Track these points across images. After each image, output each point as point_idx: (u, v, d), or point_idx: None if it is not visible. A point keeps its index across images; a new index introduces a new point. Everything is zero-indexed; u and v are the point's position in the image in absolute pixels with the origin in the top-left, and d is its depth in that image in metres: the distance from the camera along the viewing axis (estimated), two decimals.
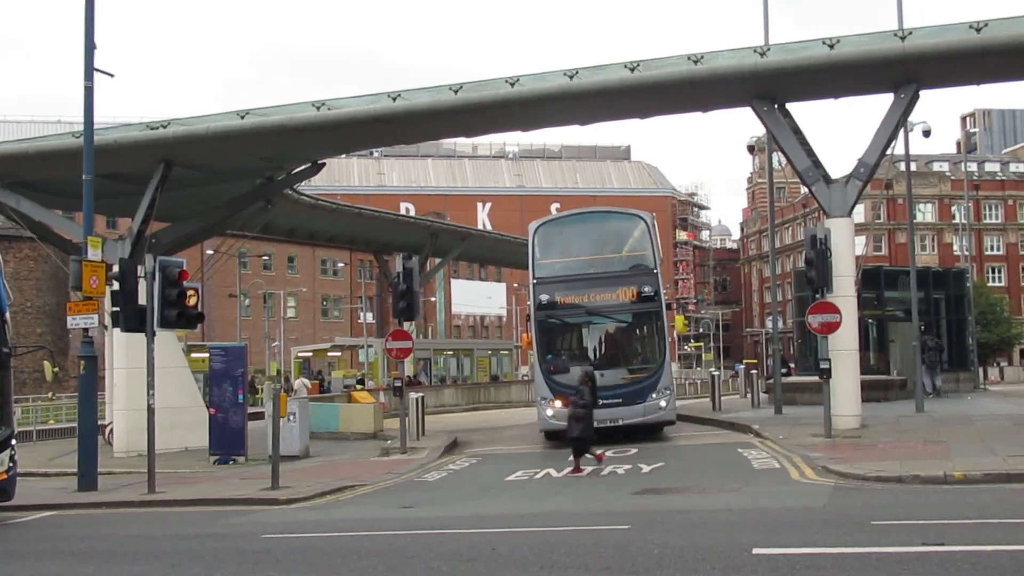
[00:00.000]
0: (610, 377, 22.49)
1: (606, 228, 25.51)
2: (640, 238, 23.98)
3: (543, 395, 23.08)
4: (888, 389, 32.53)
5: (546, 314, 23.39)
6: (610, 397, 21.94)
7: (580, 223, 25.79)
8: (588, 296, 23.38)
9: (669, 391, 23.05)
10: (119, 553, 12.63)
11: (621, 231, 25.01)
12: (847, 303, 23.13)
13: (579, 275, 23.89)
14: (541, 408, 23.17)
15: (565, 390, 21.62)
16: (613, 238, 24.99)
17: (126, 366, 26.30)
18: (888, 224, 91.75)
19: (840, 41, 22.92)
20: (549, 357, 23.43)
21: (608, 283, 23.44)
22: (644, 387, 22.78)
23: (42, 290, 57.25)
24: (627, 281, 23.30)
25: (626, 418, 22.43)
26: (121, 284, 19.03)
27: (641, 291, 22.98)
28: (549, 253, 24.34)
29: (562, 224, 26.12)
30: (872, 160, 24.10)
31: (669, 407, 23.09)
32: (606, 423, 21.77)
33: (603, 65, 24.78)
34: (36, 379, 42.01)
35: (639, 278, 23.29)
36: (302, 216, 40.45)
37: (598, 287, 23.40)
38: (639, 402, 22.63)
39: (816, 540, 10.44)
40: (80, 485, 19.80)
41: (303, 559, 11.26)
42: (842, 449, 19.46)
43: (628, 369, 23.34)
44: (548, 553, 10.59)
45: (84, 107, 20.32)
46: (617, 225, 25.55)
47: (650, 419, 22.85)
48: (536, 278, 23.66)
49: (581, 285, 23.57)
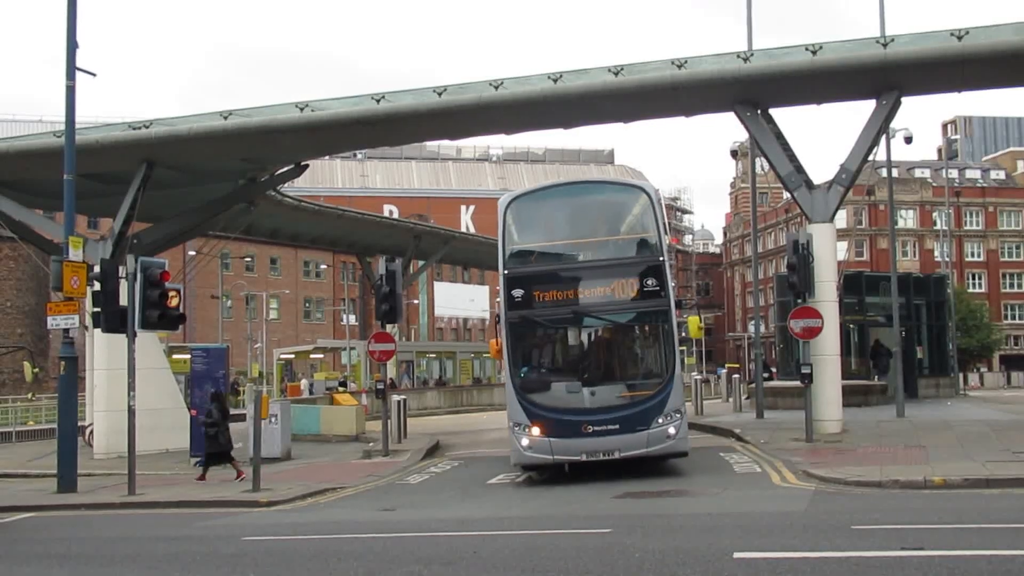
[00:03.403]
0: (603, 396, 17.64)
1: (598, 203, 20.03)
2: (641, 216, 18.79)
3: (517, 420, 17.73)
4: (869, 394, 32.66)
5: (520, 315, 18.03)
6: (603, 422, 17.37)
7: (564, 197, 20.14)
8: (575, 291, 18.20)
9: (680, 414, 17.66)
10: (97, 556, 12.56)
11: (617, 207, 19.73)
12: (829, 308, 23.25)
13: (563, 264, 19.04)
14: (514, 436, 17.81)
15: (545, 414, 17.51)
16: (607, 216, 19.65)
17: (107, 367, 26.14)
18: (870, 230, 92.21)
19: (823, 47, 23.04)
20: (525, 370, 18.25)
21: (600, 274, 18.43)
22: (648, 409, 17.49)
23: (22, 290, 56.84)
24: (625, 271, 18.30)
25: (625, 449, 17.37)
26: (102, 285, 18.92)
27: (643, 284, 17.98)
28: (525, 236, 19.49)
29: (541, 198, 20.25)
30: (854, 166, 24.21)
31: (680, 434, 17.66)
32: (598, 455, 17.31)
33: (587, 69, 24.81)
34: (16, 380, 41.76)
35: (641, 267, 18.17)
36: (285, 217, 40.34)
37: (587, 279, 18.33)
38: (642, 428, 17.36)
39: (796, 544, 10.47)
40: (60, 487, 19.68)
41: (283, 562, 11.22)
42: (823, 454, 19.53)
43: (627, 385, 18.10)
44: (529, 556, 10.59)
45: (66, 106, 20.21)
46: (612, 199, 20.30)
47: (656, 450, 17.58)
48: (507, 268, 18.41)
49: (566, 277, 18.54)
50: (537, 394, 17.89)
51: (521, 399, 17.76)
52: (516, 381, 17.94)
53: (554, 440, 17.35)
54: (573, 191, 20.61)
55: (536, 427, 17.53)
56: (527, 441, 17.62)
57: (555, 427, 17.39)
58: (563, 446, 17.35)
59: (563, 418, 17.45)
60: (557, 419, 17.43)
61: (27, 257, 45.56)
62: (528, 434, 17.62)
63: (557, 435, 17.36)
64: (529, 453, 17.66)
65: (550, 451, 17.41)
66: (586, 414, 17.46)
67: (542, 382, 18.26)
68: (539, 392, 17.96)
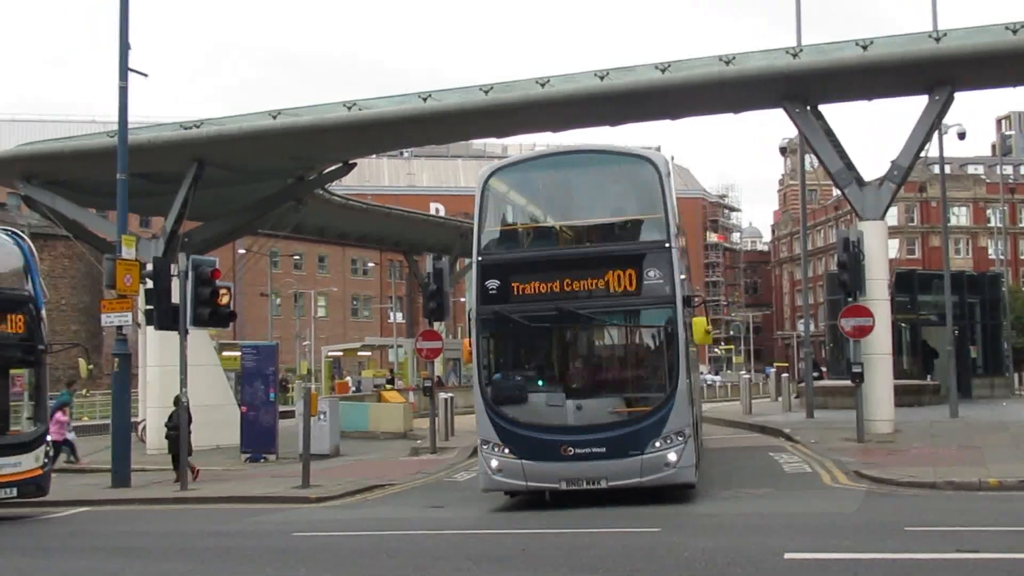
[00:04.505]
0: (589, 412, 14.51)
1: (594, 176, 16.43)
2: (646, 192, 15.34)
3: (485, 437, 14.76)
4: (921, 394, 32.23)
5: (494, 310, 14.87)
6: (588, 444, 14.19)
7: (554, 169, 16.75)
8: (560, 283, 14.90)
9: (683, 437, 14.25)
10: (149, 549, 12.74)
11: (617, 181, 16.36)
12: (880, 307, 22.98)
13: (547, 250, 15.78)
14: (482, 457, 14.92)
15: (518, 431, 14.46)
16: (604, 192, 16.46)
17: (159, 364, 26.52)
18: (922, 227, 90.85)
19: (873, 43, 22.76)
20: (497, 378, 15.18)
21: (591, 263, 15.12)
22: (642, 429, 14.24)
23: (76, 288, 57.80)
24: (622, 260, 14.89)
25: (614, 477, 14.17)
26: (155, 282, 19.18)
27: (644, 276, 14.63)
28: (505, 216, 16.60)
29: (527, 171, 16.71)
30: (906, 162, 23.91)
31: (684, 461, 14.26)
32: (580, 484, 14.24)
33: (633, 66, 24.73)
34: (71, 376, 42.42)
35: (641, 255, 14.87)
36: (332, 216, 40.63)
37: (575, 269, 15.00)
38: (635, 453, 14.14)
39: (848, 545, 10.35)
40: (113, 482, 20.00)
41: (333, 558, 11.29)
42: (875, 454, 19.29)
43: (618, 399, 14.90)
44: (578, 554, 10.58)
45: (119, 107, 20.48)
46: (610, 172, 16.51)
47: (652, 480, 14.26)
48: (483, 254, 15.27)
49: (549, 266, 15.19)
50: (509, 406, 14.73)
51: (490, 412, 14.70)
52: (485, 390, 14.84)
53: (528, 463, 14.30)
54: (565, 162, 16.87)
55: (507, 446, 14.47)
56: (496, 463, 14.56)
57: (529, 447, 14.31)
58: (538, 471, 14.32)
59: (539, 437, 14.34)
60: (532, 438, 14.34)
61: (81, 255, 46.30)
62: (498, 454, 14.57)
63: (531, 457, 14.29)
64: (498, 477, 14.63)
65: (522, 476, 14.41)
66: (567, 433, 14.35)
67: (516, 392, 15.02)
68: (512, 404, 14.79)
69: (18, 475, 16.32)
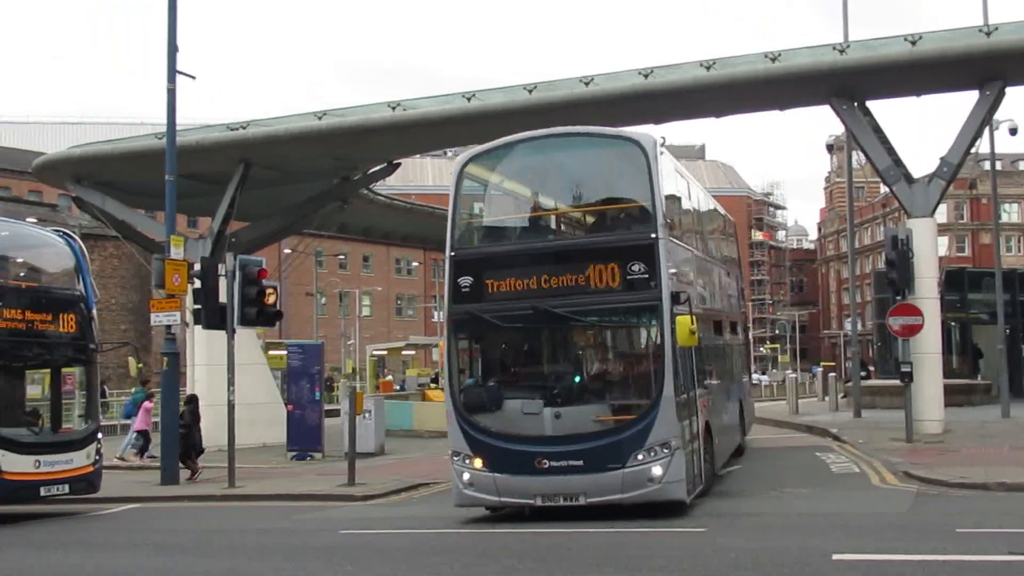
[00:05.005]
0: (569, 421, 13.17)
1: (576, 161, 15.02)
2: (633, 178, 13.95)
3: (457, 448, 13.65)
4: (972, 393, 31.76)
5: (466, 310, 13.79)
6: (564, 456, 12.90)
7: (533, 155, 15.24)
8: (536, 279, 13.60)
9: (669, 449, 12.82)
10: (197, 546, 12.88)
11: (600, 166, 14.95)
12: (929, 305, 22.68)
13: (523, 245, 14.47)
14: (455, 468, 13.71)
15: (491, 442, 13.27)
16: (587, 179, 15.01)
17: (207, 362, 26.82)
18: (972, 224, 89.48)
19: (922, 38, 22.49)
20: (469, 383, 14.19)
21: (570, 257, 13.92)
22: (623, 440, 12.89)
23: (126, 288, 58.54)
24: (603, 253, 13.55)
25: (593, 493, 12.85)
26: (202, 282, 19.40)
27: (628, 270, 13.26)
28: (482, 207, 15.52)
29: (505, 157, 15.22)
30: (956, 159, 23.57)
31: (671, 476, 12.86)
32: (557, 500, 13.01)
33: (678, 64, 24.62)
34: (120, 374, 43.02)
35: (625, 248, 13.56)
36: (377, 215, 40.84)
37: (553, 264, 13.75)
38: (615, 466, 12.78)
39: (898, 547, 10.22)
40: (162, 479, 20.27)
41: (378, 555, 11.35)
42: (924, 454, 19.03)
43: (603, 407, 13.61)
44: (622, 553, 10.54)
45: (167, 108, 20.71)
46: (594, 156, 15.03)
47: (634, 497, 12.86)
48: (455, 249, 14.11)
49: (527, 261, 13.91)
50: (482, 415, 13.59)
51: (461, 421, 13.55)
52: (457, 398, 13.69)
53: (500, 477, 13.12)
54: (545, 146, 15.12)
55: (479, 458, 13.31)
56: (468, 476, 13.41)
57: (502, 460, 13.14)
58: (511, 485, 13.12)
59: (511, 448, 13.14)
60: (504, 449, 13.14)
61: (130, 255, 46.88)
62: (469, 467, 13.40)
63: (504, 470, 13.12)
64: (470, 492, 13.47)
65: (495, 490, 13.22)
66: (542, 444, 13.07)
67: (489, 400, 13.84)
68: (484, 413, 13.63)
69: (70, 472, 16.61)
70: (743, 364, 22.39)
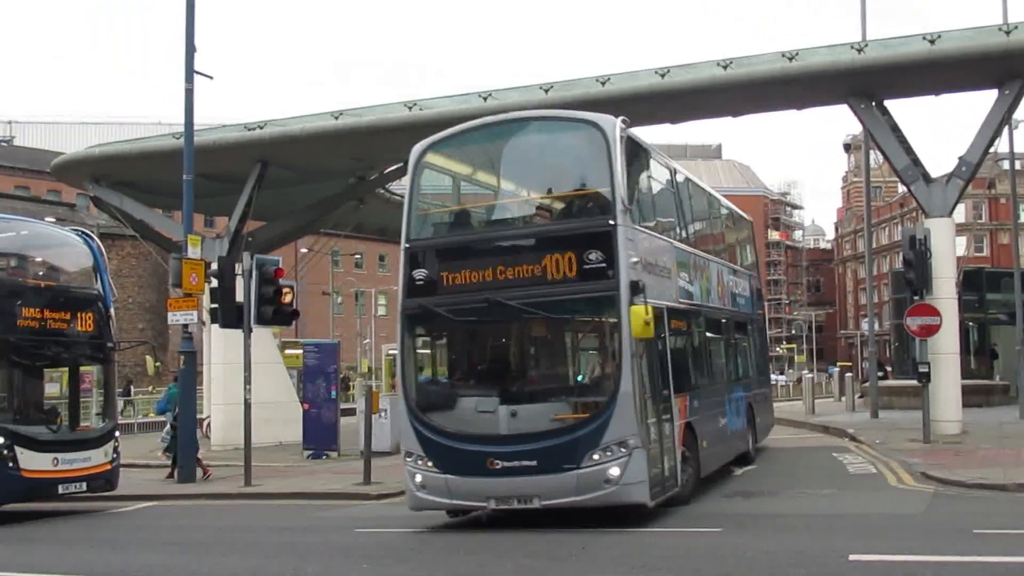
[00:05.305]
0: (523, 419, 12.45)
1: (535, 147, 14.38)
2: (592, 163, 13.30)
3: (409, 449, 13.00)
4: (990, 394, 31.60)
5: (420, 304, 13.19)
6: (516, 456, 12.18)
7: (491, 141, 14.64)
8: (494, 271, 12.94)
9: (626, 448, 11.98)
10: (215, 544, 12.95)
11: (560, 151, 14.26)
12: (947, 305, 22.55)
13: (476, 235, 13.96)
14: (407, 469, 13.04)
15: (443, 442, 12.62)
16: (546, 164, 14.32)
17: (224, 361, 26.92)
18: (990, 224, 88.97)
19: (941, 36, 22.34)
20: (422, 381, 13.71)
21: (529, 247, 13.13)
22: (578, 439, 12.11)
23: (143, 287, 58.93)
24: (559, 242, 12.84)
25: (547, 496, 12.15)
26: (220, 281, 19.46)
27: (584, 260, 12.50)
28: (438, 195, 14.88)
29: (462, 144, 14.62)
30: (974, 158, 23.43)
31: (629, 476, 12.00)
32: (511, 503, 12.39)
33: (695, 63, 24.54)
34: (137, 373, 43.31)
35: (582, 236, 12.77)
36: (393, 215, 40.69)
37: (508, 255, 13.07)
38: (569, 467, 12.03)
39: (915, 548, 10.18)
40: (180, 477, 20.37)
41: (394, 554, 11.38)
42: (942, 455, 18.94)
43: (560, 404, 12.85)
44: (638, 553, 10.54)
45: (185, 108, 20.79)
46: (553, 141, 14.35)
47: (590, 499, 12.08)
48: (411, 241, 13.55)
49: (479, 252, 13.37)
50: (434, 413, 12.98)
51: (414, 420, 12.88)
52: (410, 395, 13.10)
53: (452, 478, 12.47)
54: (503, 132, 14.52)
55: (431, 459, 12.67)
56: (420, 478, 12.77)
57: (453, 460, 12.49)
58: (463, 487, 12.46)
59: (463, 448, 12.49)
60: (456, 449, 12.49)
61: (148, 255, 47.21)
62: (422, 468, 12.76)
63: (456, 471, 12.46)
64: (422, 494, 12.80)
65: (447, 493, 12.57)
66: (493, 443, 12.37)
67: (441, 398, 13.37)
68: (436, 411, 13.05)
69: (87, 470, 16.72)
70: (755, 366, 21.47)
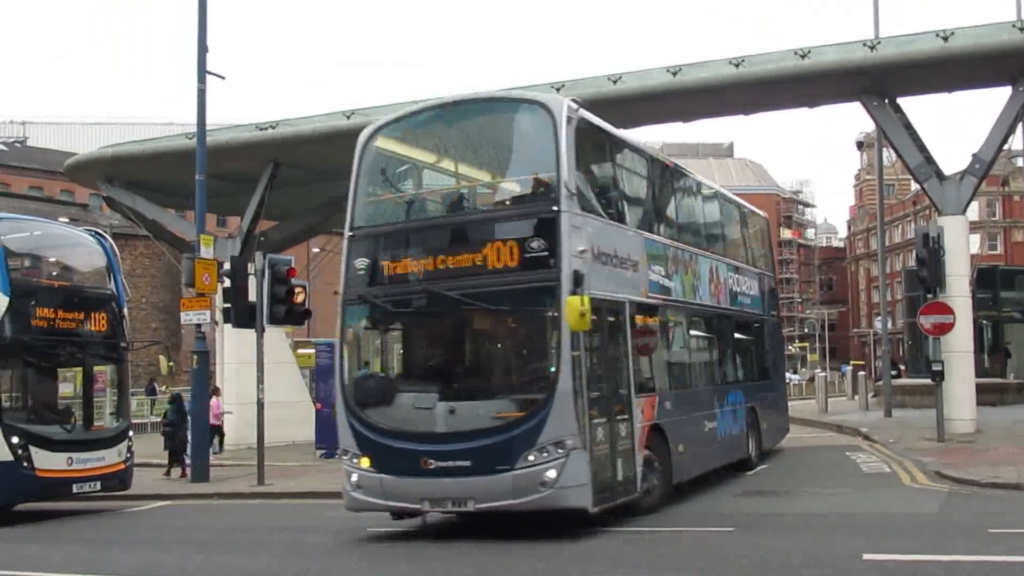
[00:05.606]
0: (459, 417, 11.81)
1: (480, 131, 13.73)
2: (538, 145, 12.55)
3: (346, 446, 12.47)
4: (1004, 393, 31.47)
5: (360, 295, 12.79)
6: (450, 455, 11.54)
7: (438, 125, 13.98)
8: (434, 261, 12.39)
9: (563, 449, 11.22)
10: (228, 543, 12.99)
11: (506, 134, 13.60)
12: (961, 304, 22.47)
13: (416, 222, 13.31)
14: (344, 468, 12.51)
15: (377, 439, 12.00)
16: (492, 148, 13.78)
17: (236, 361, 26.99)
18: (1004, 222, 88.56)
19: (954, 33, 22.26)
20: (360, 375, 13.05)
21: (470, 235, 12.54)
22: (513, 439, 11.35)
23: (156, 287, 59.09)
24: (500, 230, 12.23)
25: (482, 498, 11.46)
26: (232, 281, 19.50)
27: (526, 248, 11.84)
28: (383, 184, 14.15)
29: (408, 128, 14.10)
30: (988, 156, 23.35)
31: (567, 479, 11.23)
32: (446, 505, 11.80)
33: (706, 61, 24.50)
34: (151, 373, 43.43)
35: (524, 223, 12.10)
36: None
37: (449, 243, 12.55)
38: (504, 468, 11.30)
39: (929, 547, 10.14)
40: (193, 476, 20.43)
41: (407, 556, 11.39)
42: (955, 454, 18.87)
43: (495, 401, 11.94)
44: (650, 553, 10.56)
45: (197, 109, 20.83)
46: (500, 123, 13.64)
47: (526, 502, 11.33)
48: (354, 228, 13.44)
49: (422, 240, 12.77)
50: (371, 410, 12.32)
51: (350, 416, 12.31)
52: (347, 390, 12.51)
53: (387, 478, 11.87)
54: (451, 115, 13.82)
55: (366, 457, 12.07)
56: (356, 477, 12.20)
57: (388, 459, 11.85)
58: (398, 487, 11.83)
59: (397, 446, 11.84)
60: (390, 447, 11.86)
61: (161, 255, 47.36)
62: (358, 467, 12.16)
63: (390, 470, 11.84)
64: (357, 495, 12.24)
65: (382, 493, 11.97)
66: (427, 442, 11.74)
67: (377, 393, 12.69)
68: (373, 407, 12.37)
69: (101, 469, 16.80)
70: (761, 369, 20.39)
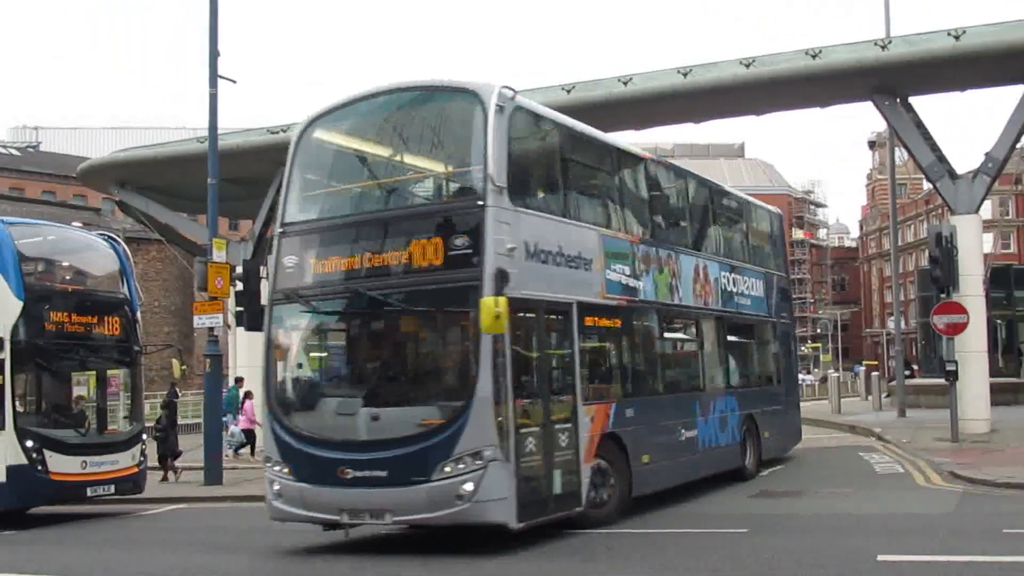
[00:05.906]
0: (379, 424, 11.24)
1: (412, 121, 12.93)
2: (468, 135, 11.93)
3: (269, 453, 12.13)
4: (1018, 392, 31.34)
5: (286, 294, 12.39)
6: (366, 465, 10.99)
7: (370, 115, 13.11)
8: (361, 258, 11.86)
9: (481, 460, 10.57)
10: (236, 546, 13.03)
11: (437, 123, 12.83)
12: (974, 303, 22.40)
13: (345, 218, 12.50)
14: (267, 476, 12.07)
15: (298, 447, 11.55)
16: (423, 138, 13.00)
17: (249, 364, 27.00)
18: (1017, 220, 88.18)
19: (966, 32, 22.21)
20: (284, 378, 12.59)
21: (395, 231, 11.90)
22: (428, 448, 10.75)
23: (169, 290, 59.23)
24: (423, 226, 11.65)
25: (399, 511, 10.93)
26: (245, 285, 19.41)
27: (450, 246, 11.26)
28: (316, 178, 13.30)
29: (341, 118, 13.08)
30: (1001, 154, 23.29)
31: (485, 492, 10.59)
32: (363, 517, 11.27)
33: (717, 62, 24.49)
34: (164, 376, 43.53)
35: (449, 219, 11.52)
36: None
37: (373, 240, 11.93)
38: (420, 479, 10.71)
39: (943, 548, 10.11)
40: (206, 479, 20.44)
41: (419, 555, 11.38)
42: (970, 454, 18.79)
43: (416, 408, 11.34)
44: (660, 554, 10.54)
45: (209, 113, 20.86)
46: (431, 112, 12.83)
47: (443, 516, 10.74)
48: (284, 224, 12.66)
49: (348, 237, 12.16)
50: (293, 415, 11.91)
51: (272, 421, 11.92)
52: (270, 394, 12.19)
53: (306, 487, 11.40)
54: (386, 104, 12.97)
55: (287, 465, 11.63)
56: (278, 486, 11.74)
57: (307, 467, 11.41)
58: (316, 497, 11.36)
59: (316, 454, 11.38)
60: (309, 455, 11.42)
61: (173, 258, 47.49)
62: (280, 475, 11.71)
63: (309, 480, 11.38)
64: (278, 504, 11.79)
65: (302, 503, 11.51)
66: (345, 450, 11.23)
67: (300, 398, 12.28)
68: (296, 412, 11.97)
69: (115, 472, 16.83)
70: (763, 375, 19.36)
